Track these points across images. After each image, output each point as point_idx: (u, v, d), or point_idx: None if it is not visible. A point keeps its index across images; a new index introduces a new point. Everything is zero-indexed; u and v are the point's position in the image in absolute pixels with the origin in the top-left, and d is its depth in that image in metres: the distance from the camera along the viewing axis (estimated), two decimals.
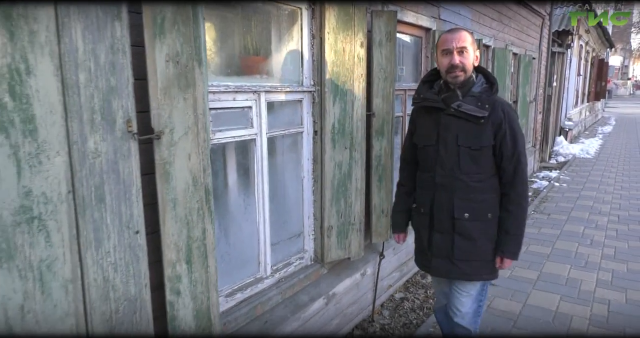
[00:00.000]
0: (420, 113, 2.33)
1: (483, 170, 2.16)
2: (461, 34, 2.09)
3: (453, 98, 2.14)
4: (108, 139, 1.44)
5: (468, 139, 2.12)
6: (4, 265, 1.30)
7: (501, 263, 2.22)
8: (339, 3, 2.65)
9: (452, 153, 2.15)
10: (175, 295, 1.70)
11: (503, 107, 2.13)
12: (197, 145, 1.69)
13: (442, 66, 2.14)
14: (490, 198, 2.18)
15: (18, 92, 1.26)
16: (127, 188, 1.51)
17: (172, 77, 1.59)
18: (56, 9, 1.29)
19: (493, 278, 2.31)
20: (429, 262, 2.33)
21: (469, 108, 2.10)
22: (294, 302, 2.68)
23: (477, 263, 2.22)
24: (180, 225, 1.68)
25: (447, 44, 2.09)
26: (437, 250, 2.26)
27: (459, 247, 2.20)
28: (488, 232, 2.19)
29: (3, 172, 1.26)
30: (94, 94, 1.39)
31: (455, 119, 2.14)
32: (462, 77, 2.10)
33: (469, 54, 2.09)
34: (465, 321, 2.34)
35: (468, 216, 2.16)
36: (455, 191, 2.17)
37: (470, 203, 2.16)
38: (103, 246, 1.47)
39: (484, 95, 2.12)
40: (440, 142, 2.18)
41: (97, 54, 1.39)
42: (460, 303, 2.33)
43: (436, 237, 2.25)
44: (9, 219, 1.29)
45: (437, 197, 2.22)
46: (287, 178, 2.74)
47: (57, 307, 1.39)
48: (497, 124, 2.10)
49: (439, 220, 2.23)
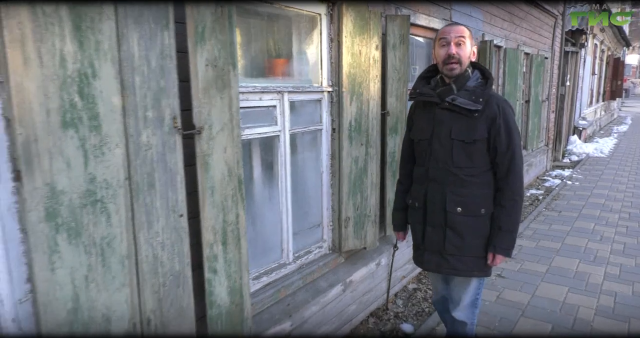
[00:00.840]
0: (417, 108, 2.36)
1: (476, 165, 2.15)
2: (459, 27, 2.15)
3: (448, 92, 2.16)
4: (158, 133, 1.66)
5: (461, 132, 2.13)
6: (73, 241, 1.52)
7: (493, 260, 2.19)
8: (356, 9, 2.84)
9: (445, 146, 2.16)
10: (212, 273, 1.91)
11: (498, 102, 2.14)
12: (231, 140, 1.91)
13: (439, 57, 2.16)
14: (483, 194, 2.17)
15: (86, 93, 1.48)
16: (173, 177, 1.73)
17: (210, 79, 1.80)
18: (117, 21, 1.51)
19: (485, 276, 2.29)
20: (422, 257, 2.34)
21: (462, 101, 2.11)
22: (314, 287, 2.89)
23: (468, 259, 2.21)
24: (217, 211, 1.89)
25: (445, 34, 2.13)
26: (429, 244, 2.26)
27: (450, 242, 2.19)
28: (481, 227, 2.18)
29: (73, 161, 1.49)
30: (146, 94, 1.61)
31: (449, 113, 2.15)
32: (458, 70, 2.12)
33: (465, 47, 2.11)
34: (462, 314, 2.39)
35: (460, 210, 2.16)
36: (447, 185, 2.17)
37: (463, 198, 2.16)
38: (153, 227, 1.69)
39: (479, 90, 2.13)
40: (435, 136, 2.19)
41: (150, 59, 1.61)
42: (456, 298, 2.39)
43: (428, 230, 2.25)
44: (77, 202, 1.51)
45: (429, 191, 2.23)
46: (307, 172, 2.94)
47: (115, 279, 1.61)
48: (492, 118, 2.10)
49: (431, 214, 2.23)
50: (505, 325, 3.30)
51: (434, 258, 2.28)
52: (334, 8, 2.82)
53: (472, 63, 2.21)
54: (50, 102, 1.43)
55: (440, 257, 2.25)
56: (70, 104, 1.46)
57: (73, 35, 1.44)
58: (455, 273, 2.27)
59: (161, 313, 1.74)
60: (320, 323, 2.92)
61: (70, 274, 1.53)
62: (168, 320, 1.77)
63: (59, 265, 1.50)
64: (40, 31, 1.38)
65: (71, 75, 1.45)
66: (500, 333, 3.17)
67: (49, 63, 1.41)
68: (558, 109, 10.12)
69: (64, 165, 1.47)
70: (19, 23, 1.35)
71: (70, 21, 1.43)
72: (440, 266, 2.27)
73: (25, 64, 1.37)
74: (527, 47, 7.24)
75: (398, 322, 3.48)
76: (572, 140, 11.59)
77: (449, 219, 2.18)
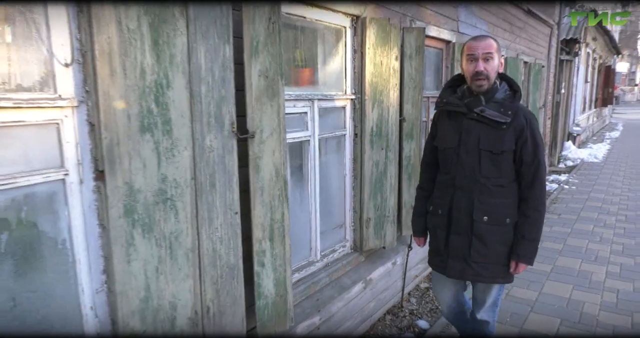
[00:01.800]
0: (442, 117, 2.37)
1: (504, 175, 2.18)
2: (487, 41, 2.13)
3: (476, 103, 2.17)
4: (219, 137, 1.82)
5: (489, 143, 2.15)
6: (146, 235, 1.68)
7: (516, 268, 2.24)
8: (378, 22, 3.03)
9: (473, 156, 2.19)
10: (260, 267, 2.07)
11: (525, 114, 2.18)
12: (279, 144, 2.08)
13: (467, 72, 2.17)
14: (509, 203, 2.21)
15: (161, 100, 1.65)
16: (230, 177, 1.89)
17: (262, 88, 1.97)
18: (188, 36, 1.68)
19: (507, 282, 2.34)
20: (444, 262, 2.35)
21: (491, 113, 2.14)
22: (339, 284, 3.05)
23: (492, 266, 2.25)
24: (265, 209, 2.06)
25: (472, 50, 2.12)
26: (454, 251, 2.28)
27: (476, 249, 2.22)
28: (505, 236, 2.21)
29: (148, 162, 1.65)
30: (210, 102, 1.78)
31: (477, 123, 2.18)
32: (486, 85, 2.14)
33: (494, 61, 2.12)
34: (485, 314, 2.49)
35: (487, 219, 2.18)
36: (474, 193, 2.20)
37: (490, 207, 2.19)
38: (213, 223, 1.85)
39: (507, 102, 2.16)
40: (462, 145, 2.22)
41: (214, 70, 1.77)
42: (481, 300, 2.46)
43: (453, 238, 2.27)
44: (151, 199, 1.67)
45: (456, 199, 2.25)
46: (332, 175, 3.11)
47: (180, 270, 1.77)
48: (519, 130, 2.14)
49: (457, 222, 2.25)
50: (517, 319, 3.48)
51: (458, 265, 2.29)
52: (358, 21, 3.01)
53: (499, 74, 2.22)
54: (131, 109, 1.59)
55: (464, 264, 2.27)
56: (148, 110, 1.62)
57: (152, 49, 1.60)
58: (479, 280, 2.30)
59: (219, 302, 1.90)
60: (345, 318, 3.08)
61: (144, 266, 1.68)
62: (224, 309, 1.93)
63: (134, 257, 1.66)
64: (125, 46, 1.55)
65: (149, 85, 1.61)
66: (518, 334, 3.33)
67: (131, 74, 1.57)
68: (553, 116, 10.39)
69: (141, 166, 1.63)
70: (108, 38, 1.51)
71: (150, 37, 1.59)
72: (465, 272, 2.29)
73: (111, 75, 1.54)
74: (526, 56, 7.49)
75: (413, 319, 3.65)
76: (567, 145, 11.87)
77: (475, 227, 2.20)
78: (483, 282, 2.32)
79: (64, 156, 1.55)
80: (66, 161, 1.56)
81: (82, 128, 1.59)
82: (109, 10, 1.49)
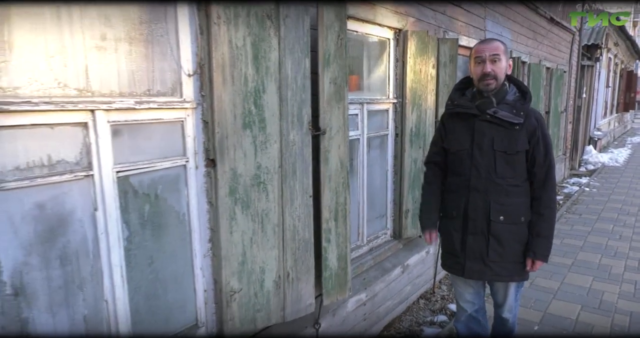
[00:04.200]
0: (451, 119, 2.38)
1: (518, 175, 2.23)
2: (494, 43, 2.18)
3: (488, 105, 2.21)
4: (299, 133, 2.23)
5: (504, 143, 2.19)
6: (244, 211, 2.09)
7: (532, 265, 2.27)
8: (418, 35, 3.42)
9: (487, 157, 2.22)
10: (327, 243, 2.47)
11: (536, 116, 2.24)
12: (343, 140, 2.48)
13: (475, 74, 2.22)
14: (523, 202, 2.25)
15: (258, 103, 2.06)
16: (306, 167, 2.29)
17: (332, 93, 2.38)
18: (279, 51, 2.09)
19: (524, 280, 2.37)
20: (461, 265, 2.35)
21: (504, 114, 2.17)
22: (381, 267, 3.43)
23: (509, 265, 2.28)
24: (332, 194, 2.46)
25: (480, 53, 2.17)
26: (471, 252, 2.29)
27: (493, 249, 2.24)
28: (520, 235, 2.26)
29: (247, 152, 2.06)
30: (294, 104, 2.19)
31: (490, 125, 2.21)
32: (494, 85, 2.18)
33: (501, 63, 2.16)
34: (508, 313, 2.51)
35: (503, 219, 2.22)
36: (490, 194, 2.22)
37: (506, 207, 2.22)
38: (294, 204, 2.25)
39: (518, 104, 2.21)
40: (475, 147, 2.24)
41: (297, 79, 2.18)
42: (501, 300, 2.49)
43: (470, 239, 2.28)
44: (249, 182, 2.08)
45: (471, 200, 2.26)
46: (376, 170, 3.50)
47: (268, 241, 2.18)
48: (532, 130, 2.19)
49: (473, 223, 2.27)
50: (540, 305, 3.81)
51: (476, 266, 2.30)
52: (400, 34, 3.40)
53: (508, 77, 2.27)
54: (236, 110, 2.00)
55: (482, 265, 2.29)
56: (248, 111, 2.04)
57: (253, 62, 2.02)
58: (498, 279, 2.34)
59: (296, 270, 2.30)
60: (385, 298, 3.46)
61: (242, 236, 2.09)
62: (300, 276, 2.33)
63: (235, 229, 2.07)
64: (234, 60, 1.96)
65: (250, 91, 2.03)
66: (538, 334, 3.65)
67: (237, 82, 1.99)
68: (575, 120, 10.62)
69: (242, 155, 2.05)
70: (222, 54, 1.93)
71: (252, 52, 2.01)
72: (484, 273, 2.31)
73: (223, 83, 1.95)
74: (548, 62, 7.79)
75: (445, 303, 4.00)
76: (588, 150, 12.05)
77: (492, 227, 2.23)
78: (502, 281, 2.36)
79: (186, 147, 1.98)
80: (187, 151, 1.98)
81: (197, 125, 2.01)
82: (224, 33, 1.91)
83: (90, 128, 1.63)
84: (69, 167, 1.61)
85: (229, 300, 2.09)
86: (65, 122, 1.57)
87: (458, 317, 2.66)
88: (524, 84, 2.32)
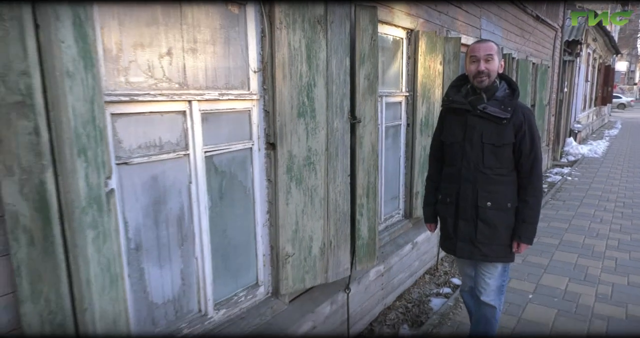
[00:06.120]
0: (448, 114, 2.56)
1: (504, 165, 2.38)
2: (488, 44, 2.34)
3: (479, 101, 2.36)
4: (340, 122, 2.61)
5: (492, 137, 2.34)
6: (298, 187, 2.47)
7: (517, 248, 2.45)
8: (427, 35, 3.82)
9: (476, 149, 2.38)
10: (360, 216, 2.87)
11: (523, 111, 2.37)
12: (374, 127, 2.87)
13: (469, 72, 2.37)
14: (509, 190, 2.41)
15: (310, 95, 2.43)
16: (346, 150, 2.68)
17: (366, 87, 2.77)
18: (327, 51, 2.46)
19: (509, 261, 2.54)
20: (454, 245, 2.56)
21: (493, 110, 2.32)
22: (395, 243, 3.85)
23: (496, 246, 2.44)
24: (364, 174, 2.85)
25: (475, 52, 2.34)
26: (462, 235, 2.49)
27: (481, 232, 2.42)
28: (507, 219, 2.41)
29: (301, 137, 2.44)
30: (337, 97, 2.57)
31: (480, 119, 2.36)
32: (487, 82, 2.33)
33: (494, 62, 2.31)
34: (490, 298, 2.60)
35: (490, 205, 2.39)
36: (478, 183, 2.40)
37: (492, 194, 2.39)
38: (336, 181, 2.64)
39: (507, 100, 2.35)
40: (467, 140, 2.40)
41: (339, 74, 2.56)
42: (485, 283, 2.59)
43: (461, 223, 2.48)
44: (301, 162, 2.46)
45: (462, 189, 2.45)
46: (391, 156, 3.90)
47: (316, 213, 2.56)
48: (518, 125, 2.33)
49: (463, 209, 2.46)
50: (533, 278, 4.28)
51: (467, 247, 2.50)
52: (412, 34, 3.79)
53: (499, 75, 2.41)
54: (293, 101, 2.38)
55: (472, 246, 2.48)
56: (302, 102, 2.41)
57: (306, 61, 2.39)
58: (485, 259, 2.49)
59: (337, 238, 2.69)
60: (398, 271, 3.88)
61: (295, 208, 2.47)
62: (339, 244, 2.72)
63: (290, 202, 2.45)
64: (292, 59, 2.33)
65: (304, 85, 2.40)
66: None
67: (294, 78, 2.36)
68: (557, 113, 11.19)
69: (297, 140, 2.42)
70: (282, 54, 2.30)
71: (306, 53, 2.38)
72: (472, 253, 2.49)
73: (283, 78, 2.32)
74: (534, 58, 8.28)
75: (448, 277, 4.45)
76: (569, 141, 12.68)
77: (480, 213, 2.42)
78: (489, 261, 2.50)
79: (252, 132, 2.35)
80: (253, 135, 2.35)
81: (260, 114, 2.37)
82: (284, 36, 2.28)
83: (187, 115, 1.99)
84: (172, 147, 1.97)
85: (284, 262, 2.47)
86: (171, 111, 1.93)
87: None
88: (514, 81, 2.47)
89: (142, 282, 1.92)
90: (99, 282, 1.50)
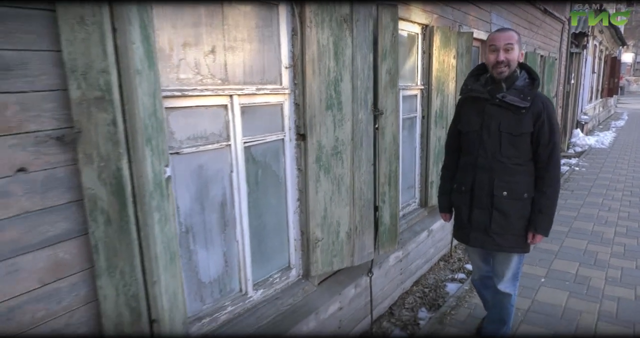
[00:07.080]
0: (466, 102, 2.55)
1: (521, 155, 2.36)
2: (509, 33, 2.30)
3: (498, 90, 2.35)
4: (365, 113, 2.77)
5: (510, 126, 2.32)
6: (326, 175, 2.63)
7: (533, 239, 2.43)
8: (442, 30, 3.96)
9: (494, 138, 2.37)
10: (382, 203, 3.03)
11: (543, 101, 2.34)
12: (395, 119, 3.03)
13: (488, 61, 2.35)
14: (526, 180, 2.39)
15: (337, 89, 2.59)
16: (369, 140, 2.84)
17: (387, 81, 2.92)
18: (352, 48, 2.62)
19: (524, 252, 2.53)
20: (467, 235, 2.56)
21: (512, 99, 2.30)
22: (412, 230, 4.01)
23: (510, 236, 2.43)
24: (386, 163, 3.01)
25: (495, 41, 2.30)
26: (476, 224, 2.49)
27: (496, 222, 2.41)
28: (523, 210, 2.40)
29: (329, 128, 2.60)
30: (361, 90, 2.72)
31: (498, 108, 2.35)
32: (507, 72, 2.31)
33: (514, 51, 2.28)
34: (505, 286, 2.62)
35: (506, 194, 2.38)
36: (495, 172, 2.38)
37: (508, 184, 2.37)
38: (360, 170, 2.80)
39: (526, 89, 2.32)
40: (484, 128, 2.39)
41: (364, 70, 2.71)
42: (501, 273, 2.61)
43: (475, 212, 2.48)
44: (329, 152, 2.62)
45: (478, 177, 2.44)
46: (407, 147, 4.06)
47: (343, 200, 2.73)
48: (537, 114, 2.30)
49: (479, 198, 2.46)
50: (544, 263, 4.43)
51: (480, 236, 2.49)
52: (427, 29, 3.93)
53: (519, 64, 2.39)
54: (322, 95, 2.53)
55: (485, 235, 2.47)
56: (330, 96, 2.57)
57: (333, 57, 2.54)
58: (499, 249, 2.48)
59: (362, 224, 2.86)
60: (415, 257, 4.04)
61: (324, 196, 2.64)
62: (364, 229, 2.89)
63: (319, 189, 2.61)
64: (320, 55, 2.49)
65: (331, 80, 2.56)
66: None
67: (323, 73, 2.51)
68: (564, 105, 11.29)
69: (325, 131, 2.58)
70: (312, 51, 2.45)
71: (333, 49, 2.53)
72: (485, 243, 2.49)
73: (313, 73, 2.48)
74: (542, 50, 8.38)
75: (461, 264, 4.61)
76: (576, 133, 12.77)
77: (496, 202, 2.41)
78: (503, 251, 2.49)
79: (284, 124, 2.51)
80: (284, 127, 2.52)
81: (291, 107, 2.53)
82: (314, 34, 2.43)
83: (229, 109, 2.16)
84: (216, 139, 2.13)
85: (314, 247, 2.64)
86: (215, 104, 2.09)
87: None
88: (535, 71, 2.43)
89: (191, 262, 2.10)
90: (163, 258, 1.67)
